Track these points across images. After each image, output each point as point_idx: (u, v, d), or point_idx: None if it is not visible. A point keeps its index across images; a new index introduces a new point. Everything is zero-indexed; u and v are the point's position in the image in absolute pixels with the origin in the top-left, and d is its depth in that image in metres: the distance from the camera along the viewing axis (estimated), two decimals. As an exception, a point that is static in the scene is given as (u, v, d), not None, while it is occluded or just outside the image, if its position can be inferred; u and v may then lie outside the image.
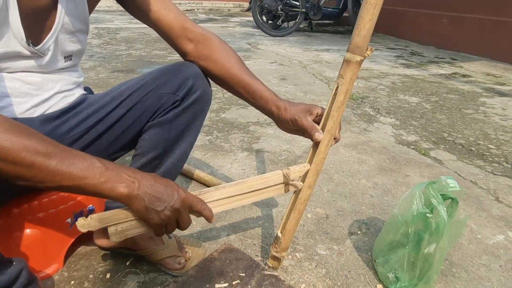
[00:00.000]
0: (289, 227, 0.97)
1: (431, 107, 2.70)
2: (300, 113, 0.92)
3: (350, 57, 0.82)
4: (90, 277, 1.03)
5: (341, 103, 0.86)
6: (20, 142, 0.59)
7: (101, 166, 0.66)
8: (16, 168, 0.60)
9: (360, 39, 0.81)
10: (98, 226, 0.74)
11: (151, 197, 0.71)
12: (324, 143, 0.89)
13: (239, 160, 1.76)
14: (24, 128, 0.62)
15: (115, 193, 0.68)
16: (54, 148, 0.63)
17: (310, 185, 0.92)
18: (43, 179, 0.62)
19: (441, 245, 0.96)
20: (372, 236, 1.26)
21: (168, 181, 0.76)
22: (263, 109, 0.99)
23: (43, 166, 0.61)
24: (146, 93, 0.95)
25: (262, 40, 5.52)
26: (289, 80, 3.27)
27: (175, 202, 0.73)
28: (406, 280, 1.01)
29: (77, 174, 0.63)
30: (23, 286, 0.76)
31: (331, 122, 0.87)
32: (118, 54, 3.94)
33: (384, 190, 1.55)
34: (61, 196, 1.02)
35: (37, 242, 1.00)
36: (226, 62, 0.98)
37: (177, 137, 0.97)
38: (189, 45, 0.99)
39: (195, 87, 0.95)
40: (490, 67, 4.23)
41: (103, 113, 0.97)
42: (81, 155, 0.66)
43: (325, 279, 1.06)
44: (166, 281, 1.02)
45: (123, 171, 0.69)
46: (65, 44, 0.89)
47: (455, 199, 1.01)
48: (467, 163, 1.85)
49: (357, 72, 0.84)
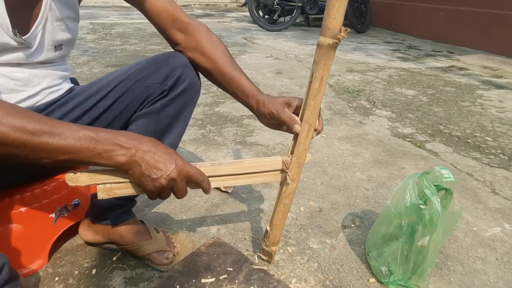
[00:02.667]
0: (276, 221, 0.94)
1: (428, 100, 2.67)
2: (277, 106, 0.88)
3: (322, 40, 0.76)
4: (75, 273, 1.00)
5: (317, 91, 0.80)
6: (7, 123, 0.58)
7: (94, 136, 0.65)
8: (9, 148, 0.59)
9: (331, 20, 0.74)
10: (86, 182, 0.72)
11: (148, 164, 0.70)
12: (303, 134, 0.84)
13: (232, 154, 1.73)
14: (9, 106, 0.60)
15: (112, 162, 0.67)
16: (42, 124, 0.61)
17: (293, 178, 0.89)
18: (38, 157, 0.62)
19: (435, 237, 0.93)
20: (366, 229, 1.23)
21: (168, 149, 0.74)
22: (245, 103, 0.96)
23: (35, 144, 0.60)
24: (133, 83, 0.92)
25: (259, 34, 5.48)
26: (284, 74, 3.24)
27: (171, 171, 0.71)
28: (399, 273, 0.99)
29: (70, 148, 0.63)
30: (4, 282, 0.74)
31: (308, 112, 0.82)
32: (113, 49, 3.89)
33: (379, 183, 1.53)
34: (44, 190, 0.98)
35: (20, 237, 0.97)
36: (212, 54, 0.95)
37: (165, 128, 0.94)
38: (179, 35, 0.96)
39: (183, 77, 0.92)
40: (487, 60, 4.20)
41: (89, 104, 0.94)
42: (71, 127, 0.64)
43: (317, 273, 1.04)
44: (153, 276, 0.99)
45: (118, 137, 0.67)
46: (54, 33, 0.85)
47: (450, 190, 0.98)
48: (463, 155, 1.82)
49: (331, 57, 0.77)
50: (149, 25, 6.06)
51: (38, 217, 0.99)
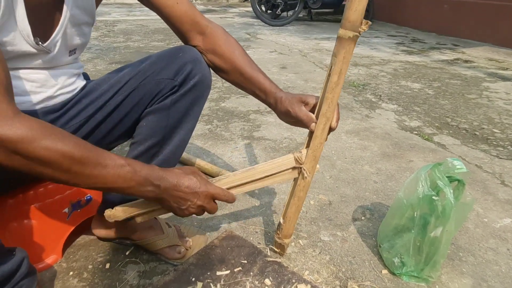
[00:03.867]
0: (290, 214, 0.95)
1: (434, 93, 2.66)
2: (293, 104, 0.89)
3: (342, 33, 0.76)
4: (89, 268, 1.01)
5: (335, 84, 0.80)
6: (57, 149, 0.61)
7: (131, 170, 0.70)
8: (53, 172, 0.63)
9: (352, 12, 0.73)
10: (123, 216, 0.79)
11: (175, 198, 0.77)
12: (319, 127, 0.84)
13: (239, 149, 1.74)
14: (58, 131, 0.64)
15: (142, 196, 0.74)
16: (88, 152, 0.65)
17: (309, 171, 0.89)
18: (77, 182, 0.67)
19: (448, 228, 0.93)
20: (376, 222, 1.23)
21: (191, 179, 0.79)
22: (264, 101, 0.97)
23: (78, 172, 0.64)
24: (143, 79, 0.92)
25: (262, 30, 5.46)
26: (289, 69, 3.23)
27: (197, 200, 0.78)
28: (412, 264, 0.99)
29: (109, 179, 0.68)
30: (24, 276, 0.75)
31: (325, 105, 0.82)
32: (116, 46, 3.89)
33: (388, 176, 1.53)
34: (57, 186, 0.99)
35: (34, 233, 0.98)
36: (230, 55, 0.96)
37: (175, 124, 0.94)
38: (198, 38, 0.96)
39: (194, 71, 0.92)
40: (493, 52, 4.18)
41: (101, 102, 0.94)
42: (112, 158, 0.69)
43: (329, 265, 1.04)
44: (167, 270, 1.00)
45: (150, 174, 0.73)
46: (71, 38, 0.86)
47: (462, 181, 0.98)
48: (471, 147, 1.82)
49: (351, 50, 0.77)
50: (151, 21, 6.07)
51: (51, 213, 1.00)
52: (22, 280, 0.74)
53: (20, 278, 0.73)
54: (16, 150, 0.58)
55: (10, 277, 0.71)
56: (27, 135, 0.58)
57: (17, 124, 0.58)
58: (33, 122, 0.60)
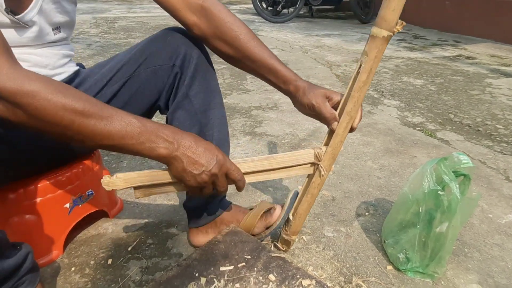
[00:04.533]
0: (301, 211, 0.94)
1: (436, 89, 2.64)
2: (318, 98, 0.84)
3: (377, 31, 0.73)
4: (91, 263, 1.00)
5: (364, 83, 0.78)
6: (57, 101, 0.57)
7: (139, 125, 0.65)
8: (55, 127, 0.59)
9: (389, 12, 0.71)
10: (122, 185, 0.72)
11: (190, 159, 0.70)
12: (342, 125, 0.82)
13: (241, 144, 1.72)
14: (59, 84, 0.60)
15: (153, 154, 0.67)
16: (91, 106, 0.61)
17: (326, 168, 0.88)
18: (83, 138, 0.62)
19: (454, 223, 0.92)
20: (380, 218, 1.22)
21: (209, 144, 0.73)
22: (280, 88, 0.92)
23: (82, 125, 0.60)
24: (137, 67, 0.91)
25: (263, 26, 5.44)
26: (290, 65, 3.21)
27: (213, 167, 0.71)
28: (417, 260, 0.98)
29: (116, 133, 0.62)
30: (28, 270, 0.75)
31: (351, 104, 0.80)
32: (117, 43, 3.88)
33: (391, 172, 1.51)
34: (58, 180, 0.98)
35: (35, 228, 0.97)
36: (235, 39, 0.86)
37: (203, 105, 0.92)
38: (192, 17, 0.86)
39: (189, 51, 0.90)
40: (495, 48, 4.16)
41: (95, 91, 0.93)
42: (119, 113, 0.64)
43: (333, 261, 1.03)
44: (169, 265, 0.99)
45: (162, 130, 0.68)
46: (51, 15, 0.84)
47: (468, 176, 0.97)
48: (475, 143, 1.80)
49: (383, 50, 0.75)
50: (152, 18, 6.05)
51: (52, 208, 0.99)
52: (26, 275, 0.74)
53: (24, 273, 0.73)
54: (16, 102, 0.56)
55: (14, 271, 0.71)
56: (25, 85, 0.56)
57: (14, 74, 0.56)
58: (32, 74, 0.57)
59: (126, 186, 0.72)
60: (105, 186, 0.71)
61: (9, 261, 0.70)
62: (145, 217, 1.20)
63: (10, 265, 0.70)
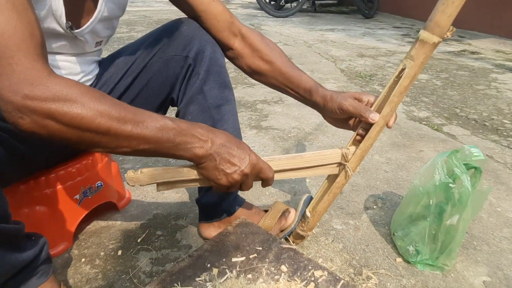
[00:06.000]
0: (320, 208, 0.93)
1: (442, 84, 2.63)
2: (347, 99, 0.84)
3: (428, 37, 0.70)
4: (101, 255, 1.00)
5: (405, 88, 0.76)
6: (94, 108, 0.56)
7: (174, 127, 0.64)
8: (90, 135, 0.57)
9: (445, 18, 0.68)
10: (147, 181, 0.71)
11: (223, 158, 0.69)
12: (376, 129, 0.80)
13: (247, 138, 1.72)
14: (94, 91, 0.58)
15: (188, 154, 0.66)
16: (127, 111, 0.60)
17: (352, 169, 0.87)
18: (119, 144, 0.61)
19: (465, 216, 0.92)
20: (389, 211, 1.22)
21: (241, 143, 0.73)
22: (308, 101, 0.93)
23: (119, 131, 0.58)
24: (150, 57, 0.91)
25: (265, 21, 5.42)
26: (294, 60, 3.20)
27: (246, 166, 0.71)
28: (427, 253, 0.98)
29: (152, 137, 0.62)
30: (43, 260, 0.75)
31: (388, 108, 0.78)
32: (119, 37, 3.87)
33: (398, 165, 1.51)
34: (68, 172, 0.98)
35: (45, 219, 0.97)
36: (268, 56, 0.93)
37: (217, 100, 0.92)
38: (233, 39, 0.94)
39: (203, 44, 0.90)
40: (499, 44, 4.14)
41: (110, 85, 0.94)
42: (153, 116, 0.63)
43: (343, 253, 1.03)
44: (180, 257, 0.99)
45: (196, 129, 0.67)
46: (100, 32, 0.84)
47: (479, 169, 0.97)
48: (481, 137, 1.80)
49: (430, 55, 0.73)
50: (154, 12, 6.02)
51: (62, 199, 0.99)
52: (40, 265, 0.74)
53: (39, 263, 0.73)
54: (50, 111, 0.53)
55: (32, 262, 0.71)
56: (62, 93, 0.54)
57: (51, 83, 0.54)
58: (67, 81, 0.56)
59: (150, 182, 0.71)
60: (129, 181, 0.70)
61: (28, 253, 0.70)
62: (154, 209, 1.20)
63: (28, 256, 0.70)
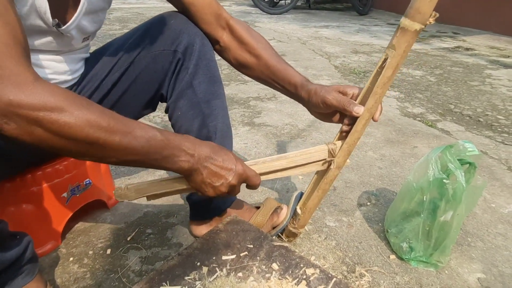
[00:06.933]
0: (310, 205, 0.92)
1: (436, 80, 2.63)
2: (330, 92, 0.82)
3: (409, 24, 0.67)
4: (89, 253, 0.98)
5: (388, 79, 0.73)
6: (82, 117, 0.53)
7: (163, 138, 0.63)
8: (77, 145, 0.54)
9: (425, 3, 0.65)
10: (135, 196, 0.72)
11: (210, 171, 0.69)
12: (361, 122, 0.79)
13: (240, 135, 1.70)
14: (82, 99, 0.56)
15: (175, 167, 0.66)
16: (116, 121, 0.57)
17: (339, 165, 0.85)
18: (106, 155, 0.58)
19: (459, 212, 0.91)
20: (382, 207, 1.21)
21: (227, 153, 0.72)
22: (293, 95, 0.91)
23: (107, 142, 0.56)
24: (138, 52, 0.88)
25: (260, 18, 5.40)
26: (288, 56, 3.19)
27: (233, 178, 0.71)
28: (420, 249, 0.96)
29: (140, 149, 0.60)
30: (28, 260, 0.73)
31: (372, 100, 0.76)
32: (112, 34, 3.83)
33: (392, 162, 1.50)
34: (55, 169, 0.96)
35: (32, 218, 0.94)
36: (255, 49, 0.91)
37: (206, 95, 0.90)
38: (221, 32, 0.92)
39: (192, 38, 0.88)
40: (494, 40, 4.14)
41: (97, 82, 0.91)
42: (142, 127, 0.61)
43: (336, 250, 1.02)
44: (169, 255, 0.97)
45: (183, 143, 0.66)
46: (87, 26, 0.81)
47: (473, 164, 0.96)
48: (476, 133, 1.79)
49: (412, 44, 0.71)
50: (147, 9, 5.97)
51: (50, 197, 0.96)
52: (25, 265, 0.72)
53: (24, 263, 0.71)
54: (37, 119, 0.50)
55: (15, 262, 0.69)
56: (50, 101, 0.50)
57: (38, 89, 0.50)
58: (55, 88, 0.53)
59: (138, 197, 0.72)
60: (117, 198, 0.71)
61: (11, 252, 0.68)
62: (144, 207, 1.18)
63: (12, 255, 0.68)
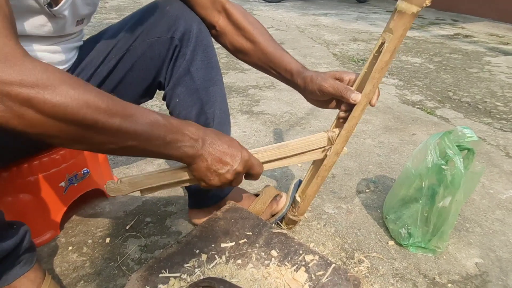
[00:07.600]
0: (310, 192, 0.92)
1: (435, 67, 2.61)
2: (326, 79, 0.80)
3: (406, 7, 0.66)
4: (89, 242, 0.98)
5: (386, 64, 0.72)
6: (79, 97, 0.48)
7: (165, 123, 0.59)
8: (73, 128, 0.49)
9: None
10: (129, 190, 0.68)
11: (214, 157, 0.65)
12: (359, 107, 0.78)
13: (239, 123, 1.70)
14: (78, 79, 0.51)
15: (178, 153, 0.62)
16: (115, 103, 0.52)
17: (338, 152, 0.85)
18: (104, 140, 0.53)
19: (457, 198, 0.91)
20: (381, 194, 1.21)
21: (231, 139, 0.69)
22: (289, 82, 0.89)
23: (106, 125, 0.51)
24: (134, 39, 0.87)
25: (257, 6, 5.34)
26: (287, 44, 3.16)
27: (238, 164, 0.67)
28: (419, 235, 0.97)
29: (141, 133, 0.55)
30: (25, 250, 0.73)
31: (370, 85, 0.74)
32: (108, 23, 3.78)
33: (391, 149, 1.50)
34: (52, 158, 0.95)
35: (30, 208, 0.94)
36: (251, 34, 0.88)
37: (204, 82, 0.89)
38: (217, 16, 0.90)
39: (189, 24, 0.86)
40: (493, 27, 4.12)
41: (91, 70, 0.89)
42: (142, 110, 0.57)
43: (335, 237, 1.02)
44: (169, 243, 0.97)
45: (187, 128, 0.63)
46: (80, 8, 0.79)
47: (472, 150, 0.96)
48: (474, 120, 1.79)
49: (409, 27, 0.69)
50: (144, -2, 5.91)
51: (47, 187, 0.96)
52: (23, 254, 0.72)
53: (22, 252, 0.71)
54: (28, 98, 0.45)
55: (12, 251, 0.69)
56: (43, 77, 0.46)
57: (29, 65, 0.45)
58: (47, 65, 0.48)
59: (132, 190, 0.68)
60: (110, 192, 0.67)
61: (8, 242, 0.68)
62: (143, 195, 1.17)
63: (9, 245, 0.68)
